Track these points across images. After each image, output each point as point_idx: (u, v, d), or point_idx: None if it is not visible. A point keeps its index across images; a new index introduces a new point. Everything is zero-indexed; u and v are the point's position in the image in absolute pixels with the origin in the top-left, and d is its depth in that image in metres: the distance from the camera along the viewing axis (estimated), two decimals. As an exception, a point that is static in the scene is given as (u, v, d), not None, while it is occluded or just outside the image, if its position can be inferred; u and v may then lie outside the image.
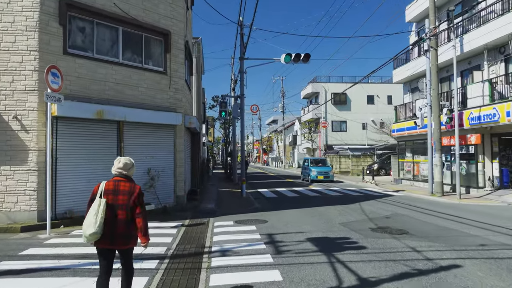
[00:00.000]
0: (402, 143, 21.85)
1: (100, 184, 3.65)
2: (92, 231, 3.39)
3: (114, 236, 3.50)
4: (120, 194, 3.58)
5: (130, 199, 3.58)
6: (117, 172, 3.69)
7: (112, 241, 3.51)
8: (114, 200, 3.55)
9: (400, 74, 21.55)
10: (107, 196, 3.55)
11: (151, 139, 10.69)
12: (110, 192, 3.57)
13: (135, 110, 10.03)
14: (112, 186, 3.61)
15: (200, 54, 27.01)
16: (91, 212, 3.47)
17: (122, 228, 3.53)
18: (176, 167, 11.32)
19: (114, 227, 3.50)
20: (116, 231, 3.50)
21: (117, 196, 3.57)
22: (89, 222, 3.42)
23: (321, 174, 22.85)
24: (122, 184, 3.63)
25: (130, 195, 3.59)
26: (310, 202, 13.02)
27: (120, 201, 3.56)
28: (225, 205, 12.43)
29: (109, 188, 3.59)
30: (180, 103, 11.50)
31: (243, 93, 15.20)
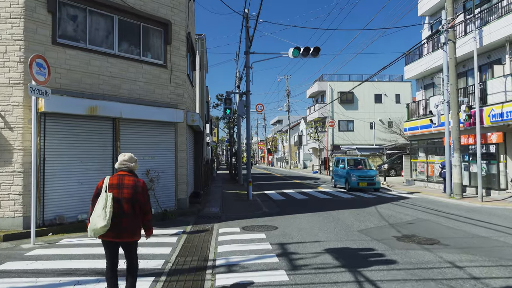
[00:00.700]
0: (415, 142, 20.88)
1: (104, 179, 3.71)
2: (103, 224, 3.43)
3: (119, 229, 3.56)
4: (125, 188, 3.65)
5: (135, 193, 3.65)
6: (122, 164, 3.80)
7: (118, 234, 3.57)
8: (119, 194, 3.62)
9: (412, 70, 20.58)
10: (112, 190, 3.61)
11: (150, 137, 9.86)
12: (114, 186, 3.64)
13: (132, 106, 9.19)
14: (116, 180, 3.68)
15: (204, 51, 26.20)
16: (99, 206, 3.52)
17: (128, 222, 3.60)
18: (178, 168, 10.48)
19: (120, 220, 3.55)
20: (121, 225, 3.56)
21: (122, 190, 3.64)
22: (99, 215, 3.47)
23: (364, 179, 16.93)
24: (126, 178, 3.72)
25: (134, 189, 3.67)
26: (321, 205, 12.12)
27: (125, 195, 3.63)
28: (230, 208, 11.57)
29: (114, 183, 3.66)
30: (182, 99, 10.66)
31: (248, 89, 14.34)
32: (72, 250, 6.28)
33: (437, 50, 18.32)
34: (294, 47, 13.83)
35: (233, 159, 27.46)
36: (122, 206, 3.59)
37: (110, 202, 3.52)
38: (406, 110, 21.27)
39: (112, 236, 3.57)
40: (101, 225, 3.43)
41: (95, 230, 3.47)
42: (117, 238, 3.60)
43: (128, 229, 3.61)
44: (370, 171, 17.79)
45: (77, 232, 7.78)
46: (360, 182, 16.84)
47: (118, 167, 3.81)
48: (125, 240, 3.64)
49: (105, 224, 3.44)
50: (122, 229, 3.57)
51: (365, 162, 19.24)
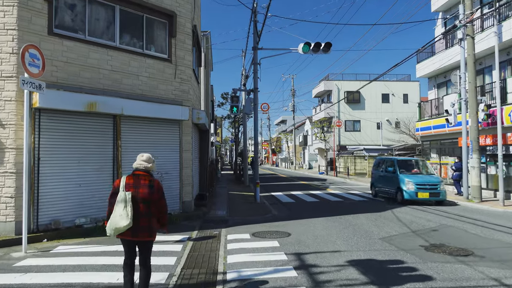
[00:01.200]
0: (427, 143, 20.16)
1: (121, 178, 3.77)
2: (126, 223, 3.51)
3: (137, 229, 3.61)
4: (141, 188, 3.69)
5: (151, 193, 3.71)
6: (139, 164, 3.82)
7: (135, 233, 3.62)
8: (136, 193, 3.65)
9: (424, 68, 19.86)
10: (128, 190, 3.64)
11: (153, 136, 9.24)
12: (131, 186, 3.68)
13: (135, 102, 8.58)
14: (133, 180, 3.73)
15: (209, 49, 25.62)
16: (119, 205, 3.57)
17: (144, 221, 3.66)
18: (182, 168, 9.86)
19: (137, 220, 3.60)
20: (139, 224, 3.61)
21: (138, 190, 3.67)
22: (120, 214, 3.53)
23: (424, 188, 12.46)
24: (143, 178, 3.76)
25: (150, 188, 3.72)
26: (334, 209, 11.46)
27: (140, 195, 3.67)
28: (238, 212, 10.93)
29: (130, 182, 3.70)
30: (187, 96, 10.03)
31: (256, 86, 13.70)
32: (67, 260, 5.67)
33: (452, 47, 17.63)
34: (304, 42, 13.20)
35: (238, 159, 26.83)
36: (138, 206, 3.65)
37: (130, 201, 3.58)
38: (417, 110, 20.56)
39: (130, 235, 3.64)
40: (124, 224, 3.52)
41: (117, 229, 3.56)
42: (135, 237, 3.66)
43: (145, 228, 3.67)
44: (431, 176, 13.40)
45: (74, 238, 7.18)
46: (420, 192, 12.33)
47: (136, 167, 3.84)
48: (142, 239, 3.71)
49: (128, 222, 3.52)
50: (140, 229, 3.64)
51: (422, 164, 14.70)
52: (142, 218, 3.65)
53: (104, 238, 7.15)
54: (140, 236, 3.67)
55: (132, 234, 3.63)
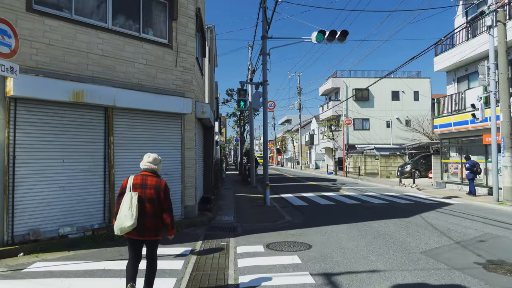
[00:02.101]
0: (446, 141, 18.88)
1: (128, 178, 3.82)
2: (131, 223, 3.56)
3: (143, 229, 3.69)
4: (148, 188, 3.76)
5: (157, 194, 3.77)
6: (146, 165, 3.88)
7: (141, 233, 3.70)
8: (142, 194, 3.73)
9: (444, 61, 18.58)
10: (135, 190, 3.72)
11: (151, 132, 8.11)
12: (138, 186, 3.75)
13: (129, 92, 7.45)
14: (140, 180, 3.79)
15: (213, 43, 24.55)
16: (125, 205, 3.64)
17: (151, 221, 3.73)
18: (185, 169, 8.72)
19: (143, 219, 3.68)
20: (145, 224, 3.69)
21: (145, 190, 3.75)
22: (125, 215, 3.60)
23: None
24: (149, 179, 3.82)
25: (157, 189, 3.79)
26: (353, 213, 10.27)
27: (147, 195, 3.74)
28: (246, 217, 9.77)
29: (137, 182, 3.77)
30: (190, 86, 8.89)
31: (265, 78, 12.53)
32: (42, 284, 4.53)
33: (475, 38, 16.36)
34: (318, 30, 12.03)
35: (244, 158, 25.66)
36: (145, 206, 3.71)
37: (135, 202, 3.63)
38: (435, 106, 19.27)
39: (136, 235, 3.69)
40: (128, 224, 3.56)
41: (122, 229, 3.59)
42: (141, 236, 3.71)
43: (151, 228, 3.73)
44: None
45: (57, 251, 6.07)
46: None
47: (143, 168, 3.90)
48: (148, 238, 3.75)
49: (132, 223, 3.56)
50: (146, 229, 3.70)
51: None
52: (148, 219, 3.70)
53: (93, 252, 6.02)
54: (146, 235, 3.72)
55: (138, 234, 3.68)
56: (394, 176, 25.86)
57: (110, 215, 7.23)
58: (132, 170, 7.65)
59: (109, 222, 7.20)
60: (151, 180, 3.79)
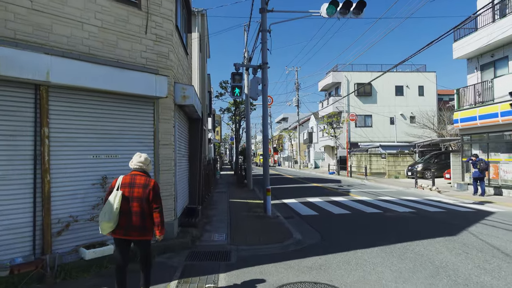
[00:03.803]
0: (467, 137, 16.74)
1: (118, 178, 3.80)
2: (106, 219, 3.54)
3: (129, 227, 3.64)
4: (136, 187, 3.71)
5: (145, 192, 3.71)
6: (137, 165, 3.86)
7: (127, 232, 3.64)
8: (130, 193, 3.68)
9: (465, 47, 16.40)
10: (124, 189, 3.70)
11: (108, 122, 5.81)
12: (126, 185, 3.72)
13: (73, 63, 5.13)
14: (128, 179, 3.77)
15: (205, 32, 22.26)
16: (108, 203, 3.61)
17: (137, 220, 3.66)
18: (159, 173, 6.43)
19: (130, 218, 3.64)
20: (131, 223, 3.64)
21: (133, 189, 3.70)
22: (105, 212, 3.55)
23: None
24: (138, 178, 3.78)
25: (145, 188, 3.72)
26: (381, 228, 8.06)
27: (135, 194, 3.69)
28: (243, 234, 7.50)
29: (126, 181, 3.75)
30: (166, 62, 6.60)
31: (265, 60, 10.27)
32: None
33: (504, 18, 14.22)
34: (330, 1, 9.81)
35: (240, 158, 23.37)
36: (132, 205, 3.65)
37: (118, 200, 3.59)
38: (456, 98, 17.10)
39: (122, 234, 3.65)
40: (105, 220, 3.54)
41: (102, 227, 3.58)
42: (127, 236, 3.65)
43: (137, 227, 3.65)
44: None
45: None
46: None
47: (133, 168, 3.87)
48: (134, 238, 3.70)
49: (107, 220, 3.54)
50: (131, 228, 3.64)
51: None
52: (134, 217, 3.65)
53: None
54: (132, 235, 3.66)
55: (125, 233, 3.64)
56: (403, 176, 23.73)
57: (43, 242, 4.93)
58: (81, 176, 5.34)
59: (41, 253, 4.90)
60: (140, 179, 3.76)
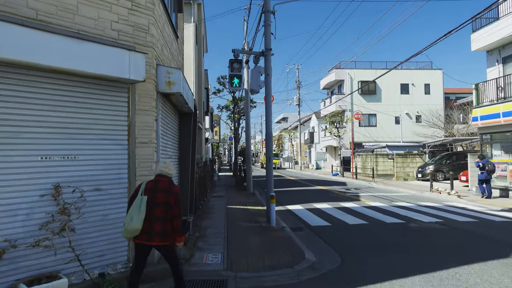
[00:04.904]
0: (487, 136, 15.33)
1: (142, 183, 3.80)
2: (134, 224, 3.49)
3: (152, 233, 3.61)
4: (158, 192, 3.70)
5: (168, 198, 3.68)
6: (161, 170, 3.87)
7: (150, 237, 3.61)
8: (153, 198, 3.67)
9: (486, 37, 14.99)
10: (147, 194, 3.68)
11: (65, 112, 4.36)
12: (150, 190, 3.71)
13: (15, 28, 3.70)
14: (151, 184, 3.77)
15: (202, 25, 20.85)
16: (133, 208, 3.59)
17: (159, 226, 3.63)
18: (136, 178, 4.98)
19: (152, 224, 3.60)
20: (153, 228, 3.61)
21: (156, 194, 3.69)
22: (132, 217, 3.53)
23: None
24: (161, 183, 3.78)
25: (168, 192, 3.70)
26: (412, 245, 6.63)
27: (157, 199, 3.67)
28: (244, 254, 6.06)
29: (149, 186, 3.75)
30: (146, 37, 5.17)
31: (269, 46, 8.85)
32: None
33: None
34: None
35: (239, 158, 21.93)
36: (155, 210, 3.62)
37: (144, 205, 3.58)
38: (474, 93, 15.69)
39: (145, 239, 3.62)
40: (133, 226, 3.50)
41: (128, 231, 3.53)
42: (149, 241, 3.63)
43: (160, 233, 3.62)
44: None
45: None
46: None
47: (156, 173, 3.88)
48: (156, 244, 3.67)
49: (138, 226, 3.50)
50: (154, 233, 3.61)
51: None
52: (157, 223, 3.61)
53: None
54: (154, 240, 3.62)
55: (147, 239, 3.61)
56: (413, 179, 22.33)
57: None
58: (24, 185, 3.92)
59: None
60: (163, 184, 3.75)
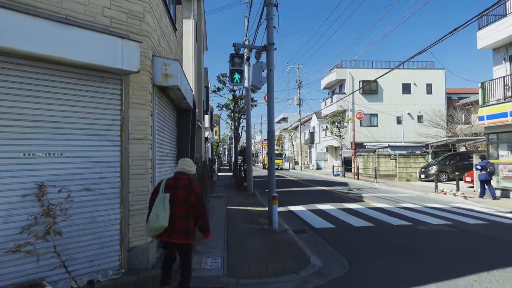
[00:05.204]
0: (494, 136, 14.96)
1: (162, 181, 3.77)
2: (162, 224, 3.50)
3: (173, 231, 3.60)
4: (179, 190, 3.69)
5: (189, 196, 3.66)
6: (181, 168, 3.86)
7: (171, 235, 3.61)
8: (173, 196, 3.65)
9: (493, 34, 14.64)
10: (168, 191, 3.67)
11: (50, 104, 3.98)
12: (170, 188, 3.69)
13: (-14, 10, 3.33)
14: (172, 182, 3.76)
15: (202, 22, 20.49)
16: (157, 206, 3.58)
17: (180, 224, 3.62)
18: (129, 177, 4.60)
19: (174, 222, 3.59)
20: (175, 226, 3.59)
21: (176, 192, 3.68)
22: (157, 215, 3.52)
23: None
24: (181, 181, 3.76)
25: (189, 190, 3.68)
26: (421, 248, 6.25)
27: (178, 197, 3.66)
28: (245, 258, 5.68)
29: (170, 184, 3.73)
30: (141, 25, 4.79)
31: (271, 41, 8.48)
32: None
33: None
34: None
35: (239, 158, 21.56)
36: (175, 208, 3.62)
37: (167, 203, 3.58)
38: (480, 92, 15.33)
39: (166, 236, 3.62)
40: (159, 224, 3.50)
41: (152, 229, 3.54)
42: (170, 238, 3.62)
43: (181, 231, 3.61)
44: None
45: None
46: None
47: (176, 171, 3.87)
48: (177, 241, 3.65)
49: (163, 223, 3.50)
50: (175, 231, 3.60)
51: None
52: (178, 221, 3.60)
53: None
54: (175, 237, 3.62)
55: (168, 236, 3.60)
56: (416, 179, 21.96)
57: None
58: (4, 184, 3.53)
59: None
60: (183, 181, 3.74)
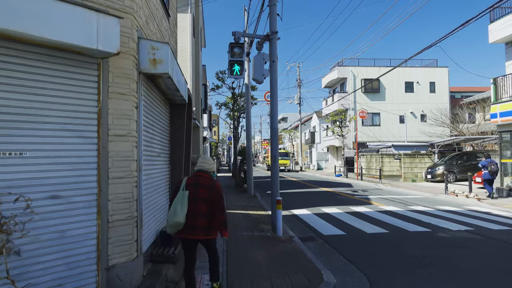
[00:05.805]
0: (507, 135, 14.23)
1: (184, 179, 3.83)
2: (180, 220, 3.53)
3: (195, 228, 3.65)
4: (200, 188, 3.72)
5: (210, 194, 3.70)
6: (201, 166, 3.91)
7: (194, 232, 3.65)
8: (195, 193, 3.69)
9: (505, 29, 13.90)
10: (188, 189, 3.71)
11: (8, 93, 3.20)
12: (191, 186, 3.73)
13: None
14: (192, 180, 3.80)
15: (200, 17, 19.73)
16: (176, 202, 3.64)
17: (203, 221, 3.66)
18: (108, 182, 3.83)
19: (195, 219, 3.63)
20: (197, 223, 3.64)
21: (198, 189, 3.71)
22: (175, 211, 3.57)
23: None
24: (203, 179, 3.80)
25: (210, 189, 3.72)
26: (448, 261, 5.50)
27: (200, 195, 3.69)
28: (247, 274, 4.92)
29: (190, 182, 3.77)
30: (123, 1, 4.01)
31: (275, 29, 7.72)
32: None
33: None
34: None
35: (239, 159, 20.79)
36: (198, 206, 3.65)
37: (186, 200, 3.61)
38: (492, 88, 14.59)
39: (190, 233, 3.64)
40: (176, 220, 3.53)
41: (171, 226, 3.58)
42: (193, 235, 3.66)
43: (203, 228, 3.67)
44: None
45: None
46: None
47: (198, 168, 3.89)
48: (202, 238, 3.70)
49: (181, 220, 3.53)
50: (198, 228, 3.64)
51: None
52: (200, 218, 3.63)
53: None
54: (199, 234, 3.65)
55: (191, 233, 3.63)
56: (421, 180, 21.22)
57: None
58: None
59: None
60: (205, 180, 3.76)
